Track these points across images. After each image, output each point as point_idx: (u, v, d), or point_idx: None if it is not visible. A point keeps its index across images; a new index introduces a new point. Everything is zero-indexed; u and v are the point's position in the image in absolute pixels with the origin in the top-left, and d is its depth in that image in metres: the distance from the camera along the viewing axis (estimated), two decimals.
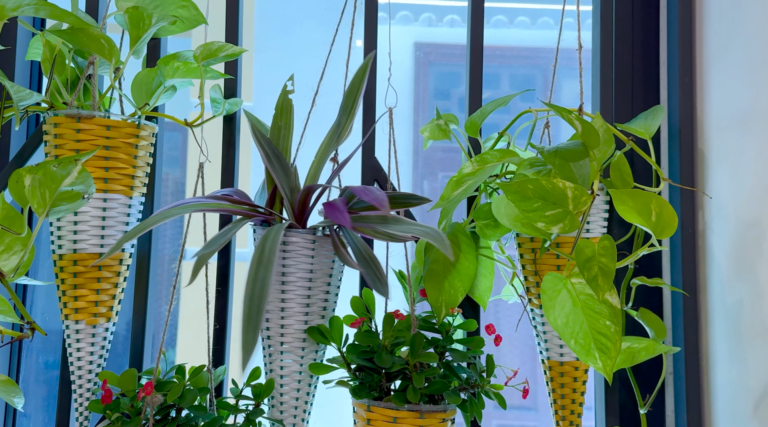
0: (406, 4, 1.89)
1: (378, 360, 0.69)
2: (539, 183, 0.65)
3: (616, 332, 0.63)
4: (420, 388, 0.70)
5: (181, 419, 0.74)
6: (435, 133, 0.86)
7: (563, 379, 0.78)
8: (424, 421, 0.70)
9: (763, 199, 0.75)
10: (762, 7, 0.76)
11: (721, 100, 0.82)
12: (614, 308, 0.64)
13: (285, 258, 0.75)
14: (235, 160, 0.88)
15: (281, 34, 1.89)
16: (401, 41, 2.00)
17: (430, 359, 0.69)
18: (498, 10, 1.84)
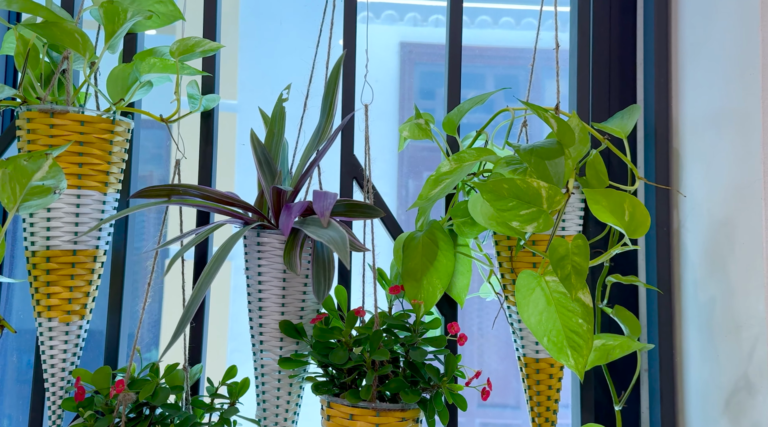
0: (391, 3, 1.89)
1: (333, 356, 0.69)
2: (514, 182, 0.65)
3: (588, 331, 0.63)
4: (375, 385, 0.70)
5: (155, 417, 0.74)
6: (415, 133, 0.86)
7: (539, 376, 0.78)
8: (381, 419, 0.69)
9: (735, 198, 0.76)
10: (733, 8, 0.77)
11: (695, 99, 0.83)
12: (587, 307, 0.64)
13: (260, 258, 0.76)
14: (212, 157, 0.88)
15: (266, 33, 1.88)
16: (387, 41, 2.00)
17: (382, 356, 0.69)
18: (482, 11, 1.85)
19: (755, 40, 0.73)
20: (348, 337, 0.72)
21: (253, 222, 0.78)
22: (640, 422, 0.88)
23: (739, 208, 0.74)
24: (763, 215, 0.71)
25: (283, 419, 0.77)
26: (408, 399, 0.69)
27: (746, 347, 0.73)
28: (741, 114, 0.75)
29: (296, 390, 0.78)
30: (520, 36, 1.81)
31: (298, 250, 0.73)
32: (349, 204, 0.79)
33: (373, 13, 1.93)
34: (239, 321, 1.60)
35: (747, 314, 0.73)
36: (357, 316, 0.74)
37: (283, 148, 0.86)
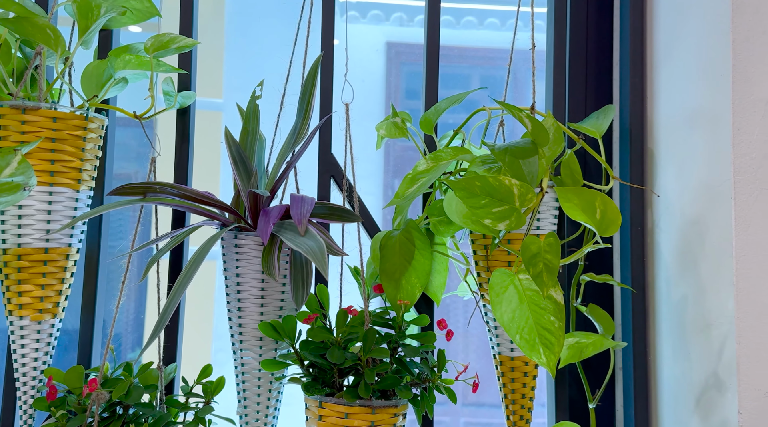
0: (377, 3, 1.89)
1: (330, 356, 0.69)
2: (486, 180, 0.65)
3: (560, 328, 0.63)
4: (372, 383, 0.70)
5: (128, 417, 0.73)
6: (391, 131, 0.86)
7: (514, 374, 0.78)
8: (376, 416, 0.70)
9: (706, 197, 0.76)
10: (705, 9, 0.78)
11: (669, 100, 0.84)
12: (558, 304, 0.64)
13: (238, 260, 0.77)
14: (189, 155, 0.87)
15: (252, 31, 1.88)
16: (373, 40, 2.00)
17: (381, 355, 0.69)
18: (468, 12, 1.86)
19: (726, 41, 0.74)
20: (340, 336, 0.72)
21: (230, 223, 0.78)
22: (614, 420, 0.89)
23: (710, 208, 0.75)
24: (733, 214, 0.72)
25: (264, 415, 0.77)
26: (403, 395, 0.69)
27: (716, 345, 0.73)
28: (712, 114, 0.76)
29: (276, 388, 0.78)
30: (505, 37, 1.82)
31: (276, 254, 0.73)
32: (329, 207, 0.79)
33: (359, 13, 1.93)
34: (224, 321, 1.60)
35: (717, 312, 0.73)
36: (349, 315, 0.74)
37: (259, 147, 0.85)
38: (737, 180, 0.71)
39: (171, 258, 0.86)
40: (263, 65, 1.77)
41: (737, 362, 0.70)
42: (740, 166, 0.71)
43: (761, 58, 0.72)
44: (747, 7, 0.72)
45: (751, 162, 0.72)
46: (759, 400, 0.69)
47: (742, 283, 0.70)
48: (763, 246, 0.71)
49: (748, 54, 0.72)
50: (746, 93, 0.72)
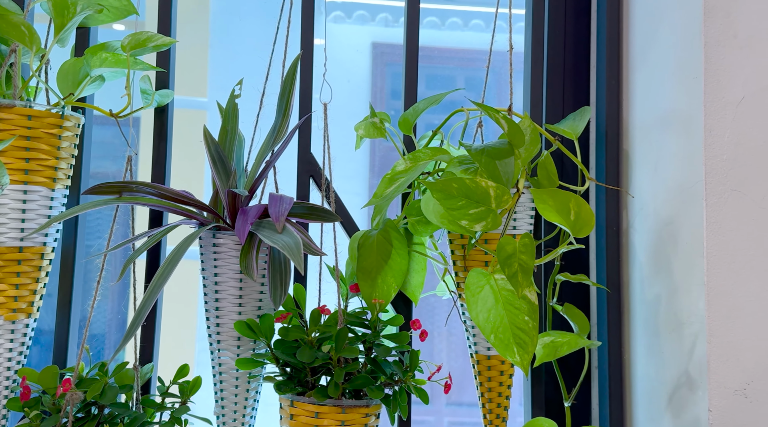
0: (362, 3, 1.90)
1: (300, 355, 0.69)
2: (463, 182, 0.66)
3: (534, 328, 0.64)
4: (342, 383, 0.70)
5: (104, 417, 0.73)
6: (370, 131, 0.86)
7: (490, 373, 0.79)
8: (346, 416, 0.70)
9: (679, 198, 0.77)
10: (678, 13, 0.79)
11: (644, 102, 0.85)
12: (532, 305, 0.65)
13: (216, 259, 0.76)
14: (166, 154, 0.87)
15: (238, 30, 1.87)
16: (358, 41, 2.00)
17: (351, 354, 0.69)
18: (453, 13, 1.86)
19: (698, 44, 0.75)
20: (312, 336, 0.72)
21: (208, 223, 0.78)
22: (590, 417, 0.90)
23: (683, 209, 0.76)
24: (705, 215, 0.73)
25: (242, 415, 0.77)
26: (374, 395, 0.70)
27: (688, 343, 0.74)
28: (685, 116, 0.77)
29: (254, 387, 0.78)
30: (489, 38, 1.83)
31: (254, 253, 0.73)
32: (308, 207, 0.79)
33: (344, 13, 1.93)
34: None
35: (689, 311, 0.74)
36: (321, 314, 0.74)
37: (238, 146, 0.85)
38: (708, 181, 0.72)
39: (148, 258, 0.86)
40: (248, 64, 1.77)
41: (708, 360, 0.71)
42: (711, 167, 0.72)
43: (732, 62, 0.73)
44: (718, 11, 0.74)
45: (722, 164, 0.73)
46: (728, 398, 0.70)
47: (712, 282, 0.71)
48: (733, 247, 0.72)
49: (719, 57, 0.73)
50: (718, 96, 0.73)
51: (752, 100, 0.73)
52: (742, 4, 0.74)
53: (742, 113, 0.73)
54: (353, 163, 2.03)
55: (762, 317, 0.71)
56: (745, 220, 0.72)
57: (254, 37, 1.81)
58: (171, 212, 0.80)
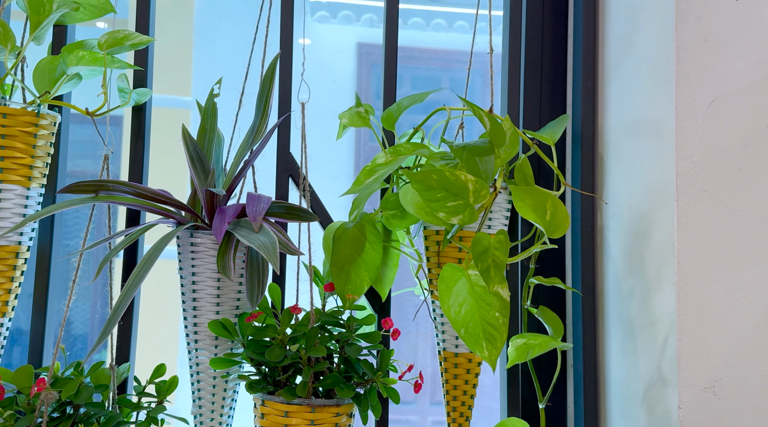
0: (347, 4, 1.90)
1: (269, 354, 0.70)
2: (443, 174, 0.66)
3: (504, 324, 0.65)
4: (312, 382, 0.70)
5: (79, 417, 0.72)
6: (354, 120, 0.87)
7: (457, 370, 0.78)
8: (316, 415, 0.70)
9: (651, 200, 0.79)
10: (652, 18, 0.80)
11: (619, 105, 0.86)
12: (504, 301, 0.66)
13: (194, 259, 0.76)
14: (144, 153, 0.87)
15: (222, 29, 1.86)
16: (344, 41, 2.00)
17: (319, 353, 0.69)
18: (438, 14, 1.87)
19: (670, 48, 0.76)
20: (284, 335, 0.72)
21: (186, 222, 0.78)
22: (566, 417, 0.91)
23: (655, 210, 0.78)
24: (675, 215, 0.74)
25: (219, 415, 0.77)
26: (343, 394, 0.70)
27: (660, 342, 0.76)
28: (657, 119, 0.78)
29: (231, 387, 0.78)
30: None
31: (231, 253, 0.73)
32: (286, 207, 0.79)
33: (329, 13, 1.93)
34: None
35: (661, 310, 0.76)
36: (293, 313, 0.74)
37: (217, 145, 0.85)
38: (679, 183, 0.74)
39: (125, 257, 0.86)
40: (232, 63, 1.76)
41: (678, 358, 0.72)
42: (682, 169, 0.74)
43: (703, 65, 0.75)
44: (690, 15, 0.75)
45: (692, 165, 0.74)
46: (698, 395, 0.72)
47: (683, 282, 0.72)
48: (703, 247, 0.73)
49: (691, 60, 0.75)
50: (689, 98, 0.74)
51: (722, 102, 0.74)
52: (713, 9, 0.75)
53: (713, 116, 0.74)
54: (339, 163, 2.03)
55: (731, 315, 0.72)
56: (715, 220, 0.73)
57: (238, 37, 1.80)
58: (148, 211, 0.79)
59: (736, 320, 0.72)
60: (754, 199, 0.73)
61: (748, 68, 0.74)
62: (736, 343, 0.72)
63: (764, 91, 0.74)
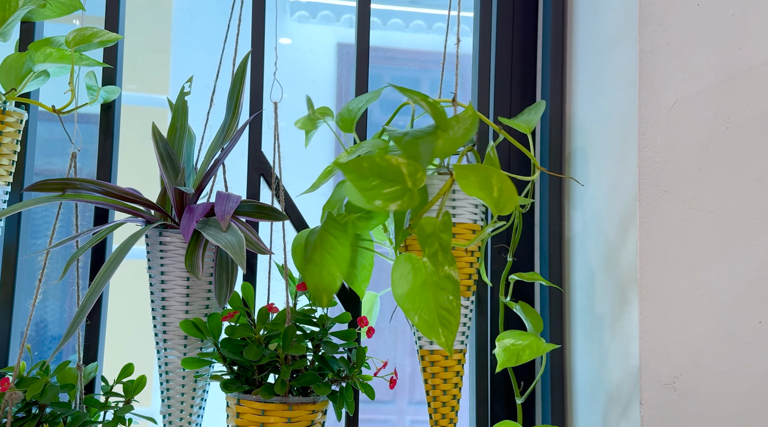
0: (327, 4, 1.90)
1: (246, 353, 0.70)
2: (374, 160, 0.62)
3: (457, 306, 0.63)
4: (289, 380, 0.70)
5: (45, 416, 0.72)
6: (306, 125, 0.87)
7: (434, 368, 0.78)
8: (293, 413, 0.70)
9: (615, 199, 0.80)
10: (615, 20, 0.82)
11: (585, 105, 0.88)
12: (455, 282, 0.64)
13: (163, 258, 0.76)
14: (112, 151, 0.86)
15: (201, 27, 1.85)
16: (324, 41, 2.00)
17: (298, 351, 0.70)
18: (417, 15, 1.88)
19: (634, 50, 0.77)
20: (260, 334, 0.72)
21: (155, 221, 0.77)
22: (534, 414, 0.92)
23: (619, 209, 0.79)
24: (638, 215, 0.76)
25: (188, 414, 0.77)
26: (320, 391, 0.70)
27: (623, 339, 0.77)
28: (622, 120, 0.80)
29: (201, 387, 0.78)
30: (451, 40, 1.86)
31: (200, 252, 0.73)
32: (257, 206, 0.79)
33: (309, 13, 1.93)
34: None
35: (624, 308, 0.77)
36: (269, 312, 0.74)
37: (188, 144, 0.85)
38: (642, 183, 0.75)
39: (93, 256, 0.85)
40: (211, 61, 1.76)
41: (640, 355, 0.73)
42: (645, 169, 0.75)
43: (665, 68, 0.76)
44: (652, 19, 0.76)
45: (655, 166, 0.76)
46: (659, 391, 0.73)
47: (645, 280, 0.74)
48: (665, 246, 0.75)
49: (653, 63, 0.76)
50: (651, 100, 0.76)
51: (684, 104, 0.76)
52: (675, 13, 0.77)
53: (674, 117, 0.76)
54: (319, 164, 2.03)
55: (691, 313, 0.74)
56: (676, 220, 0.75)
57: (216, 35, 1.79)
58: (117, 210, 0.79)
59: (696, 317, 0.74)
60: (714, 199, 0.75)
61: (709, 71, 0.76)
62: (696, 340, 0.73)
63: (724, 93, 0.76)
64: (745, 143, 0.76)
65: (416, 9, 1.89)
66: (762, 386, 0.73)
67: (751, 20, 0.76)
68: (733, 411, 0.73)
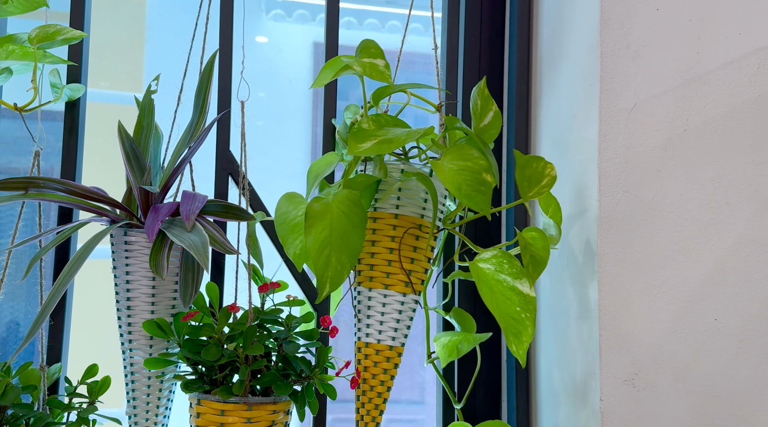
0: (303, 3, 1.90)
1: (205, 353, 0.69)
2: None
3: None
4: (250, 380, 0.71)
5: (6, 418, 0.71)
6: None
7: (366, 361, 0.75)
8: (252, 413, 0.70)
9: (578, 199, 0.82)
10: (579, 23, 0.83)
11: (549, 107, 0.89)
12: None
13: (128, 257, 0.76)
14: (77, 149, 0.85)
15: (175, 25, 1.84)
16: (300, 40, 2.00)
17: (257, 351, 0.70)
18: (392, 16, 1.89)
19: (595, 54, 0.79)
20: (221, 334, 0.72)
21: (120, 220, 0.77)
22: (500, 410, 0.93)
23: (581, 208, 0.81)
24: (598, 214, 0.77)
25: (154, 415, 0.77)
26: (280, 391, 0.70)
27: (585, 336, 0.79)
28: (584, 122, 0.81)
29: (167, 387, 0.78)
30: (426, 41, 1.87)
31: (165, 252, 0.73)
32: (224, 205, 0.79)
33: (284, 12, 1.92)
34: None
35: (586, 305, 0.79)
36: (231, 312, 0.74)
37: (156, 143, 0.85)
38: (602, 183, 0.77)
39: (57, 256, 0.84)
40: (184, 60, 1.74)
41: (600, 352, 0.75)
42: (605, 170, 0.77)
43: (625, 70, 0.78)
44: (614, 23, 0.78)
45: (615, 166, 0.77)
46: (618, 387, 0.75)
47: (604, 279, 0.75)
48: (623, 245, 0.76)
49: (614, 66, 0.78)
50: (612, 103, 0.77)
51: (643, 107, 0.78)
52: (635, 17, 0.78)
53: (634, 119, 0.77)
54: (296, 163, 2.03)
55: (650, 310, 0.76)
56: (635, 219, 0.77)
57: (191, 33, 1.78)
58: (81, 210, 0.78)
59: (654, 315, 0.76)
60: (672, 199, 0.77)
61: (667, 74, 0.78)
62: (654, 337, 0.75)
63: (682, 96, 0.78)
64: (702, 145, 0.78)
65: (392, 9, 1.90)
66: (718, 381, 0.75)
67: (708, 25, 0.78)
68: (690, 406, 0.75)
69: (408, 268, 0.75)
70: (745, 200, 0.77)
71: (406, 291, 0.75)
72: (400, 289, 0.74)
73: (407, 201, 0.75)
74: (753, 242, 0.76)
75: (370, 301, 0.75)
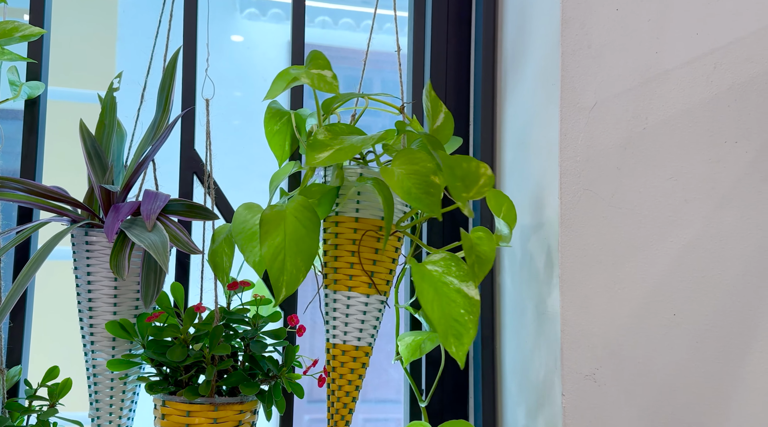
0: (277, 2, 1.89)
1: (170, 354, 0.69)
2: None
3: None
4: (217, 381, 0.70)
5: None
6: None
7: (335, 362, 0.75)
8: (219, 413, 0.70)
9: (540, 197, 0.83)
10: (541, 24, 0.84)
11: (514, 107, 0.90)
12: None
13: (89, 258, 0.75)
14: (37, 148, 0.84)
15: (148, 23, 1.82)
16: (275, 39, 1.99)
17: (223, 351, 0.69)
18: (367, 15, 1.89)
19: (556, 53, 0.80)
20: (186, 334, 0.71)
21: (81, 220, 0.76)
22: (467, 408, 0.94)
23: (543, 207, 0.82)
24: (559, 212, 0.78)
25: (117, 417, 0.76)
26: (247, 391, 0.70)
27: (548, 332, 0.80)
28: (546, 120, 0.82)
29: (131, 389, 0.77)
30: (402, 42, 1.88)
31: (126, 252, 0.72)
32: (188, 205, 0.79)
33: (259, 11, 1.91)
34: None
35: (548, 302, 0.79)
36: (197, 312, 0.74)
37: (119, 141, 0.84)
38: (563, 181, 0.78)
39: (16, 256, 0.83)
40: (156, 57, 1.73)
41: (561, 347, 0.76)
42: (566, 168, 0.78)
43: (586, 70, 0.79)
44: (574, 22, 0.79)
45: (575, 165, 0.78)
46: (579, 382, 0.76)
47: (566, 275, 0.76)
48: (584, 242, 0.77)
49: (574, 65, 0.79)
50: (573, 101, 0.78)
51: (603, 105, 0.79)
52: (596, 16, 0.79)
53: (594, 118, 0.79)
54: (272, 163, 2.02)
55: (610, 307, 0.77)
56: (595, 217, 0.78)
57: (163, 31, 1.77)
58: (41, 209, 0.77)
59: (614, 311, 0.77)
60: (631, 197, 0.78)
61: (626, 74, 0.79)
62: (614, 333, 0.76)
63: (640, 96, 0.79)
64: (661, 143, 0.79)
65: (367, 9, 1.90)
66: (677, 375, 0.77)
67: (667, 25, 0.80)
68: (650, 400, 0.76)
69: (371, 269, 0.75)
70: (703, 197, 0.78)
71: (370, 292, 0.75)
72: (363, 290, 0.74)
73: (367, 204, 0.75)
74: (710, 238, 0.78)
75: (335, 303, 0.75)
